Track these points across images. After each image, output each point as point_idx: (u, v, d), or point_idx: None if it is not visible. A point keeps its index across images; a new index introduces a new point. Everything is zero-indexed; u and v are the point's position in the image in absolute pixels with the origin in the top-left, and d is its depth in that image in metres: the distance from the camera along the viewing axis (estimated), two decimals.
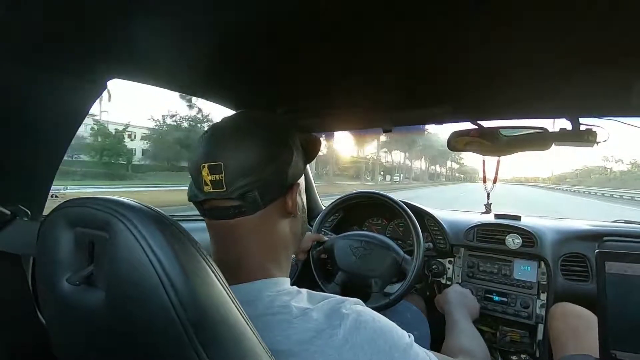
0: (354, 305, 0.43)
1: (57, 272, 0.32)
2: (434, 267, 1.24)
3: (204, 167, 0.43)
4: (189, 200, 0.48)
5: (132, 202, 0.31)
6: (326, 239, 1.18)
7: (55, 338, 0.38)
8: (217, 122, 0.49)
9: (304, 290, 0.46)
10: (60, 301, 0.32)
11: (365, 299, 1.02)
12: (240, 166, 0.43)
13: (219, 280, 0.32)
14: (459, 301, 0.92)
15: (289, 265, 0.52)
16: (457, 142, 1.01)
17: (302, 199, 0.53)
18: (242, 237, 0.46)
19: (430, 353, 0.46)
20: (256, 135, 0.45)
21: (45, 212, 0.65)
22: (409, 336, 0.44)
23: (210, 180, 0.43)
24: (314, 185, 1.57)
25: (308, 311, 0.41)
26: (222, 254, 0.47)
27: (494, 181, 1.38)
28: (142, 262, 0.27)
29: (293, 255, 1.00)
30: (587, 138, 0.82)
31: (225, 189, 0.43)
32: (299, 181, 0.51)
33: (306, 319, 0.40)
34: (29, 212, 0.56)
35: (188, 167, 0.47)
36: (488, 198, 1.39)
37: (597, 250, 0.58)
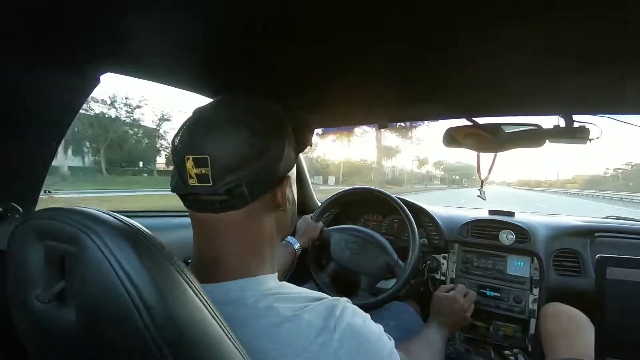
0: (347, 306, 0.42)
1: (28, 289, 0.30)
2: (428, 262, 1.26)
3: (188, 159, 0.40)
4: (172, 191, 0.44)
5: (102, 215, 0.29)
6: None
7: (31, 356, 0.36)
8: (202, 107, 0.45)
9: (290, 287, 0.45)
10: (32, 319, 0.31)
11: (352, 295, 1.03)
12: (228, 160, 0.40)
13: (198, 297, 0.30)
14: (443, 308, 0.88)
15: (275, 258, 0.49)
16: (451, 138, 1.01)
17: (292, 191, 0.51)
18: (227, 231, 0.43)
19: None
20: (246, 125, 0.41)
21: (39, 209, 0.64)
22: (390, 339, 0.45)
23: (195, 174, 0.40)
24: (309, 180, 1.57)
25: (300, 313, 0.39)
26: (204, 248, 0.45)
27: (489, 171, 1.39)
28: (112, 281, 0.26)
29: (298, 245, 1.01)
30: (580, 135, 0.82)
31: (212, 184, 0.40)
32: (290, 173, 0.48)
33: (297, 321, 0.38)
34: (21, 210, 0.55)
35: (171, 154, 0.44)
36: (482, 185, 1.41)
37: (598, 255, 0.57)
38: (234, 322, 0.34)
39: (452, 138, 1.01)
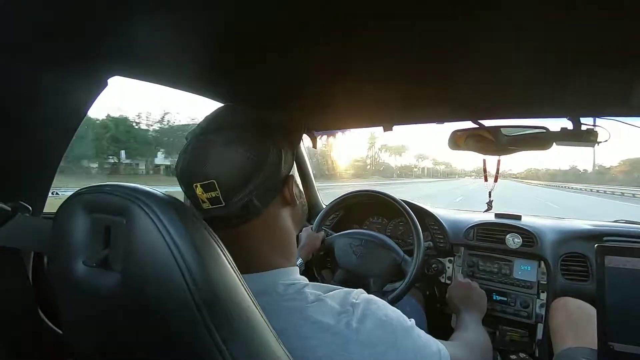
0: (361, 295, 0.45)
1: (73, 255, 0.33)
2: (433, 266, 1.25)
3: (196, 186, 0.43)
4: None
5: (149, 189, 0.32)
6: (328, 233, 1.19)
7: (68, 322, 0.39)
8: (194, 132, 0.47)
9: (311, 282, 0.48)
10: (75, 284, 0.33)
11: None
12: (233, 180, 0.42)
13: (229, 263, 0.33)
14: (462, 296, 0.90)
15: (295, 253, 0.54)
16: (457, 141, 1.01)
17: (298, 185, 0.54)
18: (249, 239, 0.47)
19: (430, 336, 0.47)
20: (239, 144, 0.43)
21: (46, 209, 0.65)
22: (410, 320, 0.47)
23: (207, 198, 0.43)
24: (314, 182, 1.57)
25: (322, 297, 0.43)
26: (234, 253, 0.47)
27: (495, 180, 1.38)
28: (159, 244, 0.29)
29: (300, 260, 1.01)
30: (588, 138, 0.82)
31: (224, 204, 0.43)
32: (291, 171, 0.51)
33: (321, 305, 0.42)
34: (30, 208, 0.56)
35: (178, 180, 0.47)
36: (490, 196, 1.39)
37: (597, 245, 0.59)
38: (267, 307, 0.37)
39: (458, 141, 1.01)
